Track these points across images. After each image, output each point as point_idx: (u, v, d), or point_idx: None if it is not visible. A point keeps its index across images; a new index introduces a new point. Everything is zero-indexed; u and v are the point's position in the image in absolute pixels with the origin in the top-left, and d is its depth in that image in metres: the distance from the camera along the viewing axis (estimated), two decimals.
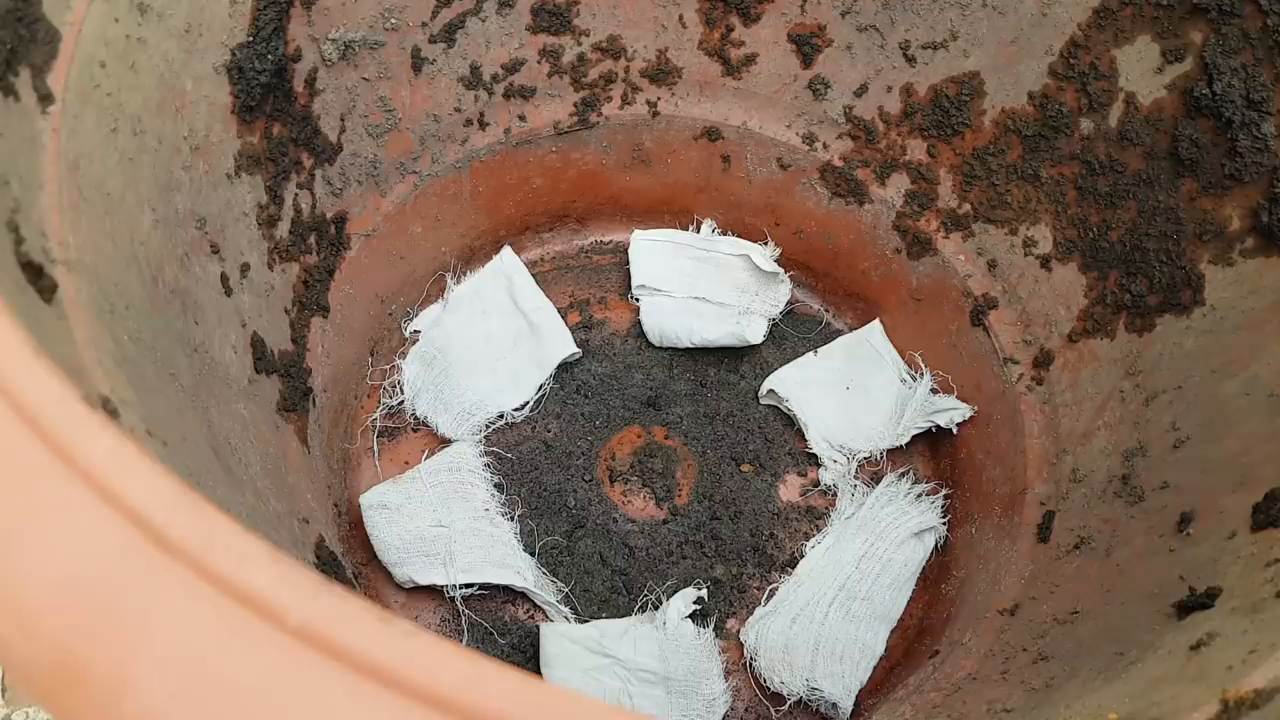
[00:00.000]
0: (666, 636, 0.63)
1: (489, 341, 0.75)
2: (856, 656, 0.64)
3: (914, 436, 0.73)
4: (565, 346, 0.75)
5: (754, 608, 0.66)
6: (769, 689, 0.63)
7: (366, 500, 0.66)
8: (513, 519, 0.67)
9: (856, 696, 0.63)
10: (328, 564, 0.58)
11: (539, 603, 0.66)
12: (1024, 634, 0.56)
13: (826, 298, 0.81)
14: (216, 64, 0.55)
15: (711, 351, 0.78)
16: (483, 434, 0.72)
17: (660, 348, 0.78)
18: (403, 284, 0.75)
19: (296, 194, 0.64)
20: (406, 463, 0.71)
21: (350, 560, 0.65)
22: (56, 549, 0.21)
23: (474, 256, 0.80)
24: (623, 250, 0.81)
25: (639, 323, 0.78)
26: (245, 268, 0.59)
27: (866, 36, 0.70)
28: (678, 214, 0.82)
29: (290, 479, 0.59)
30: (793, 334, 0.79)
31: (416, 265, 0.76)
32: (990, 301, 0.71)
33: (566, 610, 0.66)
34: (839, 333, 0.80)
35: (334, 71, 0.64)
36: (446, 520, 0.65)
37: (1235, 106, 0.57)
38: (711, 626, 0.66)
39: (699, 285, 0.79)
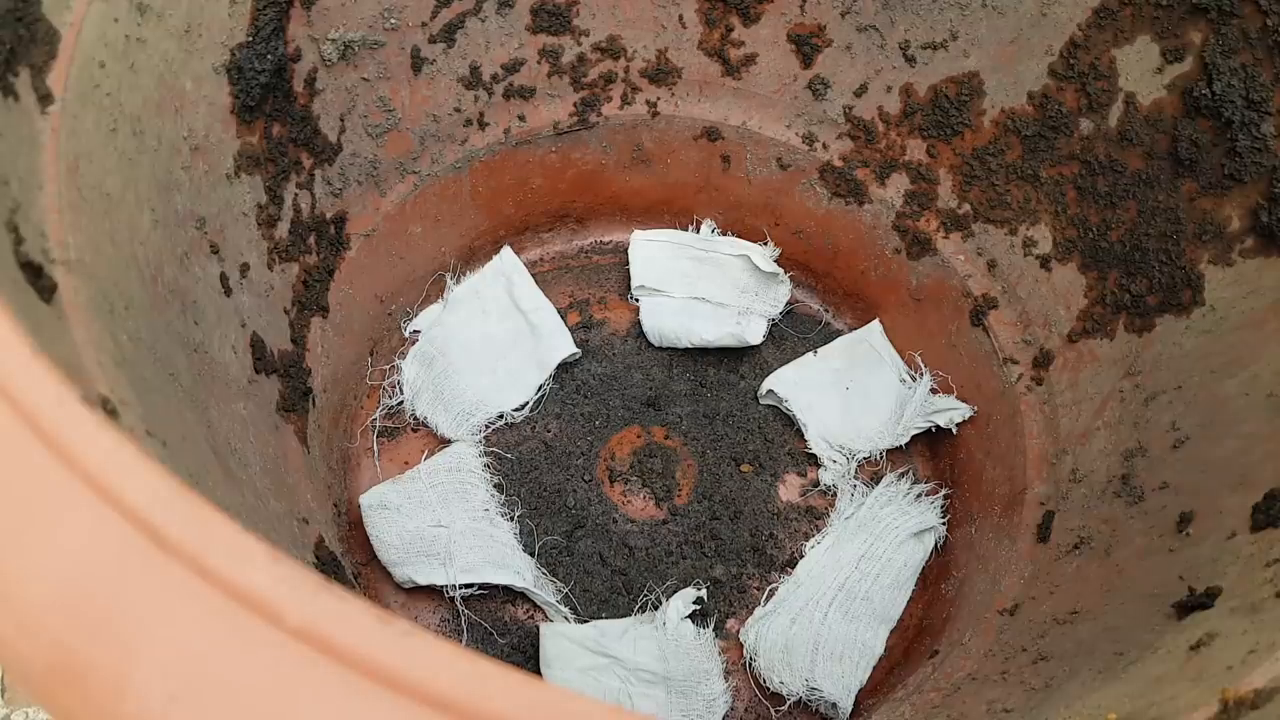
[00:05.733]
0: (666, 636, 0.63)
1: (489, 342, 0.75)
2: (856, 657, 0.64)
3: (914, 436, 0.73)
4: (565, 347, 0.75)
5: (754, 608, 0.66)
6: (769, 689, 0.63)
7: (366, 500, 0.66)
8: (512, 519, 0.67)
9: (856, 697, 0.63)
10: (327, 564, 0.58)
11: (539, 603, 0.66)
12: (1024, 634, 0.56)
13: (826, 298, 0.81)
14: (216, 64, 0.55)
15: (711, 351, 0.78)
16: (482, 434, 0.72)
17: (660, 348, 0.78)
18: (402, 284, 0.75)
19: (296, 194, 0.64)
20: (406, 463, 0.71)
21: (350, 560, 0.65)
22: (56, 549, 0.21)
23: (474, 256, 0.80)
24: (622, 250, 0.81)
25: (639, 323, 0.78)
26: (245, 268, 0.59)
27: (866, 36, 0.70)
28: (677, 214, 0.82)
29: (290, 479, 0.59)
30: (793, 334, 0.79)
31: (416, 265, 0.76)
32: (990, 301, 0.71)
33: (566, 610, 0.66)
34: (839, 333, 0.80)
35: (334, 71, 0.64)
36: (446, 520, 0.65)
37: (1235, 106, 0.57)
38: (711, 627, 0.66)
39: (699, 285, 0.79)
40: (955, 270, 0.72)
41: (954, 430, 0.71)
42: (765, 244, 0.80)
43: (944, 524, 0.69)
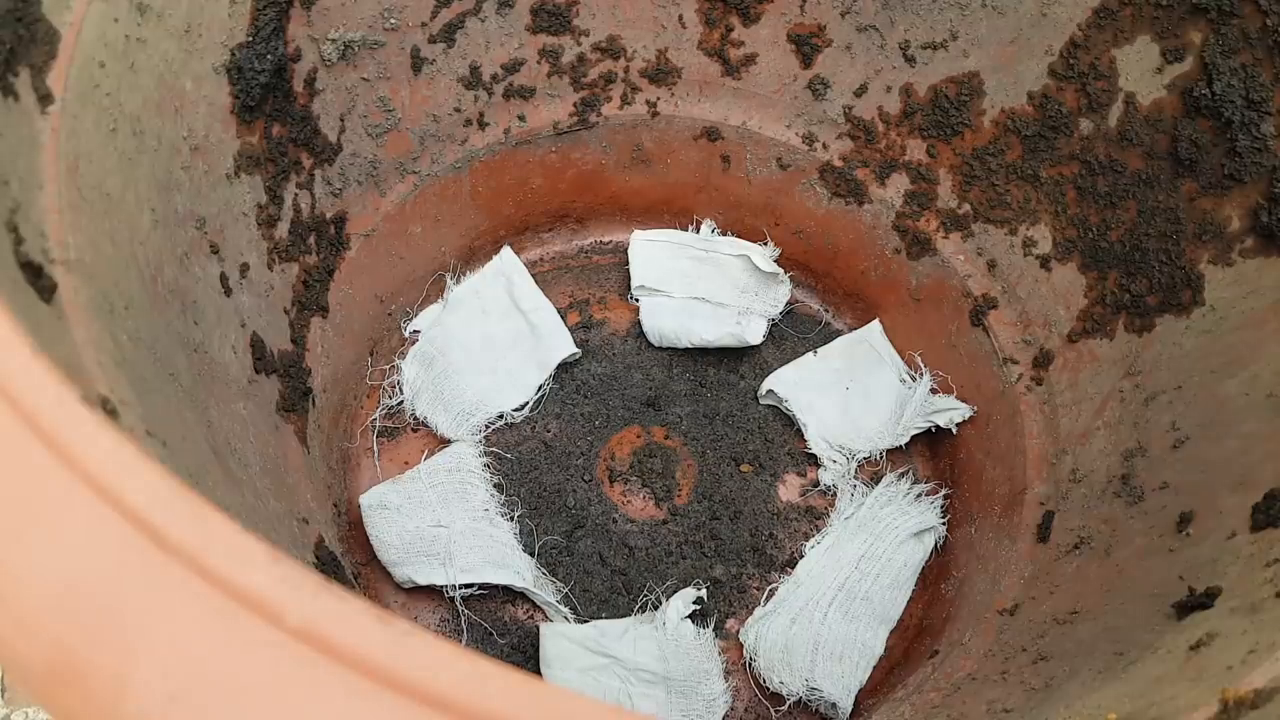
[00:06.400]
0: (666, 637, 0.63)
1: (488, 342, 0.75)
2: (856, 657, 0.64)
3: (914, 436, 0.73)
4: (565, 347, 0.75)
5: (753, 608, 0.66)
6: (769, 689, 0.63)
7: (366, 501, 0.66)
8: (512, 519, 0.67)
9: (856, 697, 0.63)
10: (327, 564, 0.58)
11: (538, 603, 0.66)
12: (1024, 634, 0.56)
13: (826, 298, 0.81)
14: (216, 64, 0.55)
15: (711, 351, 0.78)
16: (482, 434, 0.72)
17: (660, 348, 0.78)
18: (402, 284, 0.75)
19: (296, 194, 0.64)
20: (406, 463, 0.71)
21: (350, 560, 0.65)
22: (56, 549, 0.21)
23: (474, 256, 0.80)
24: (622, 250, 0.81)
25: (639, 323, 0.78)
26: (245, 268, 0.59)
27: (866, 36, 0.70)
28: (677, 214, 0.82)
29: (290, 479, 0.59)
30: (792, 334, 0.79)
31: (416, 265, 0.76)
32: (990, 301, 0.71)
33: (566, 610, 0.66)
34: (839, 333, 0.80)
35: (333, 71, 0.64)
36: (446, 520, 0.65)
37: (1235, 106, 0.57)
38: (711, 627, 0.66)
39: (699, 286, 0.79)
40: (955, 270, 0.72)
41: (954, 430, 0.71)
42: (765, 244, 0.80)
43: (944, 524, 0.69)
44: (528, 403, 0.74)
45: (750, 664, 0.64)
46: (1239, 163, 0.57)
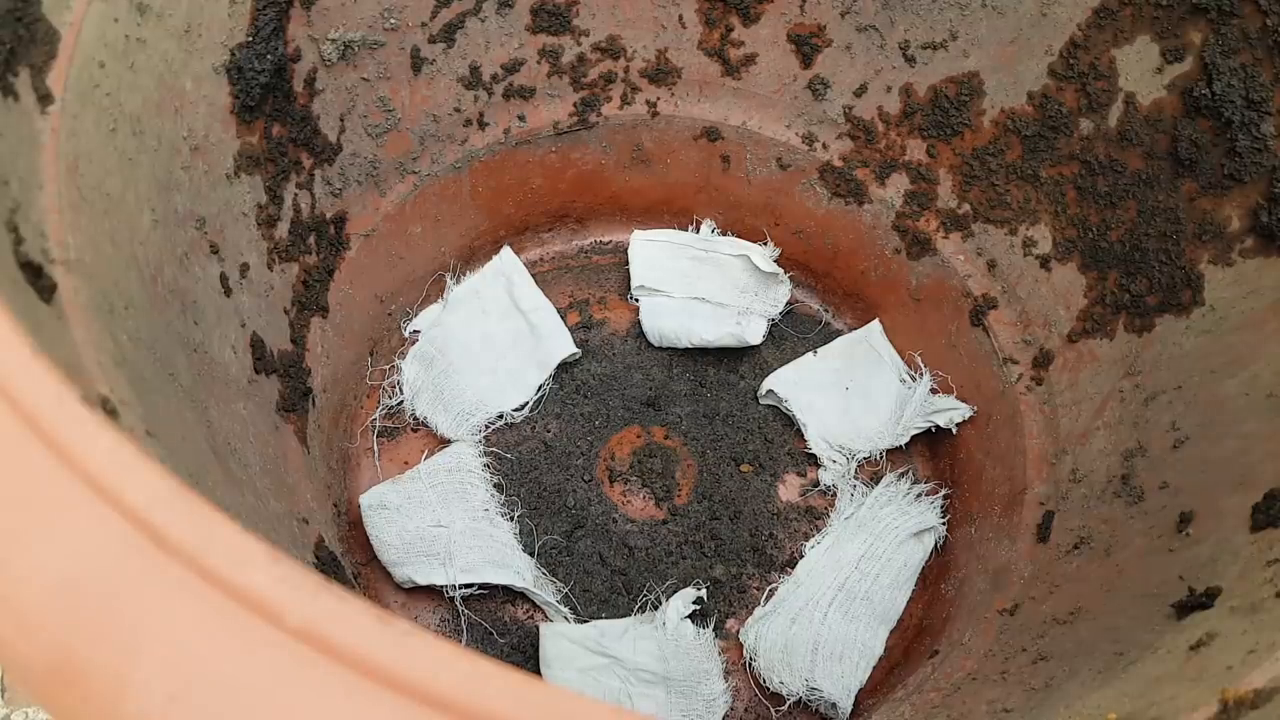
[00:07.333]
0: (666, 637, 0.63)
1: (488, 342, 0.75)
2: (856, 657, 0.64)
3: (914, 436, 0.73)
4: (565, 347, 0.75)
5: (753, 608, 0.66)
6: (769, 689, 0.63)
7: (366, 501, 0.66)
8: (512, 519, 0.67)
9: (856, 696, 0.63)
10: (327, 564, 0.58)
11: (539, 603, 0.66)
12: (1024, 634, 0.56)
13: (826, 298, 0.81)
14: (216, 64, 0.55)
15: (711, 351, 0.78)
16: (482, 434, 0.72)
17: (660, 348, 0.78)
18: (402, 284, 0.75)
19: (296, 194, 0.64)
20: (406, 463, 0.71)
21: (350, 560, 0.65)
22: (56, 549, 0.21)
23: (474, 256, 0.80)
24: (622, 250, 0.82)
25: (639, 323, 0.78)
26: (245, 268, 0.59)
27: (866, 36, 0.70)
28: (677, 214, 0.82)
29: (290, 479, 0.59)
30: (792, 334, 0.79)
31: (416, 265, 0.76)
32: (990, 301, 0.71)
33: (566, 610, 0.66)
34: (839, 333, 0.80)
35: (333, 71, 0.64)
36: (446, 520, 0.65)
37: (1235, 106, 0.57)
38: (711, 627, 0.66)
39: (699, 286, 0.79)
40: (955, 270, 0.72)
41: (954, 430, 0.71)
42: (765, 244, 0.80)
43: (944, 524, 0.69)
44: (528, 403, 0.74)
45: (750, 664, 0.64)
46: (1239, 163, 0.57)
